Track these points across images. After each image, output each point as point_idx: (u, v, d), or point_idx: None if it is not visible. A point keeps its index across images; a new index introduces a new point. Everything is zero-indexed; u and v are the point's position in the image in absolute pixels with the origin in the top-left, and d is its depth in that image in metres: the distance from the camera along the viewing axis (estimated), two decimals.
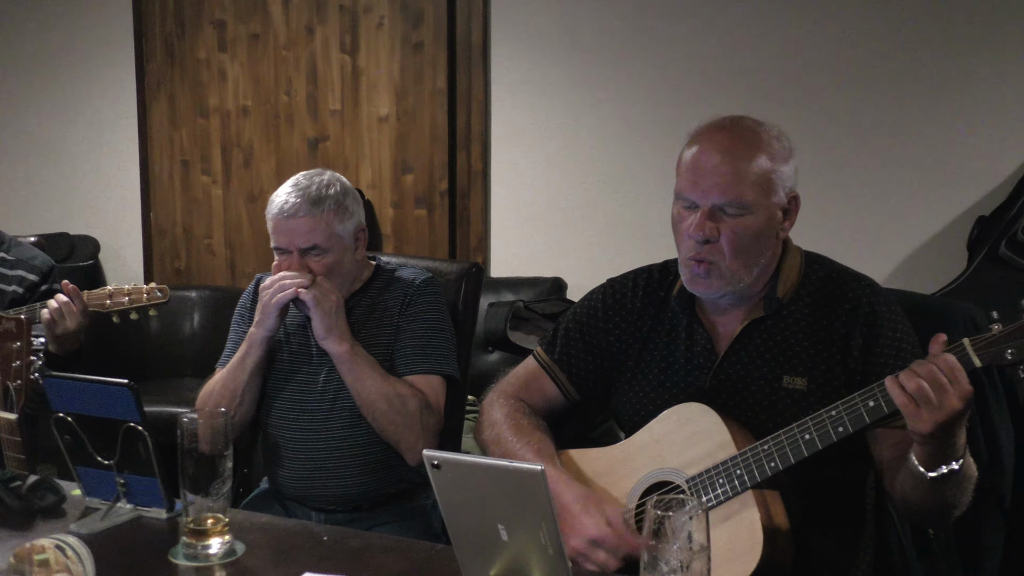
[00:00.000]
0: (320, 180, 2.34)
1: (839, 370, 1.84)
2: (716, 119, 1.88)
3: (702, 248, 1.83)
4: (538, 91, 4.34)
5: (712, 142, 1.83)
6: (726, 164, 1.80)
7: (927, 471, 1.63)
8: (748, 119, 1.88)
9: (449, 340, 2.41)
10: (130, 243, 5.18)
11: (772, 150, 1.83)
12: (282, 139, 4.81)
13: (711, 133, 1.85)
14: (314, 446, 2.35)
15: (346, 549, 1.72)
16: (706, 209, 1.82)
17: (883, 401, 1.65)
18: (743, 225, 1.82)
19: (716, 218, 1.82)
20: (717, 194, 1.81)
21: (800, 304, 1.89)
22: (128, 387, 1.78)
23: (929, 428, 1.56)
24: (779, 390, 1.85)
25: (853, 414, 1.68)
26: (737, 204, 1.80)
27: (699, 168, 1.82)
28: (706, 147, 1.83)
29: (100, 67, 5.14)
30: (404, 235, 4.61)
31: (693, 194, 1.83)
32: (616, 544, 1.78)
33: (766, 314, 1.89)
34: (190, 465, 1.67)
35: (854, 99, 3.85)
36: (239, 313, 2.50)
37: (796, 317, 1.89)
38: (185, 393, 4.11)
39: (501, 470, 1.45)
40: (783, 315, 1.89)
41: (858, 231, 3.85)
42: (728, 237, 1.82)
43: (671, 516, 1.32)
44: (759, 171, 1.81)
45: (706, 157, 1.82)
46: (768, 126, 1.87)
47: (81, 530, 1.78)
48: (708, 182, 1.81)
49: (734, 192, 1.80)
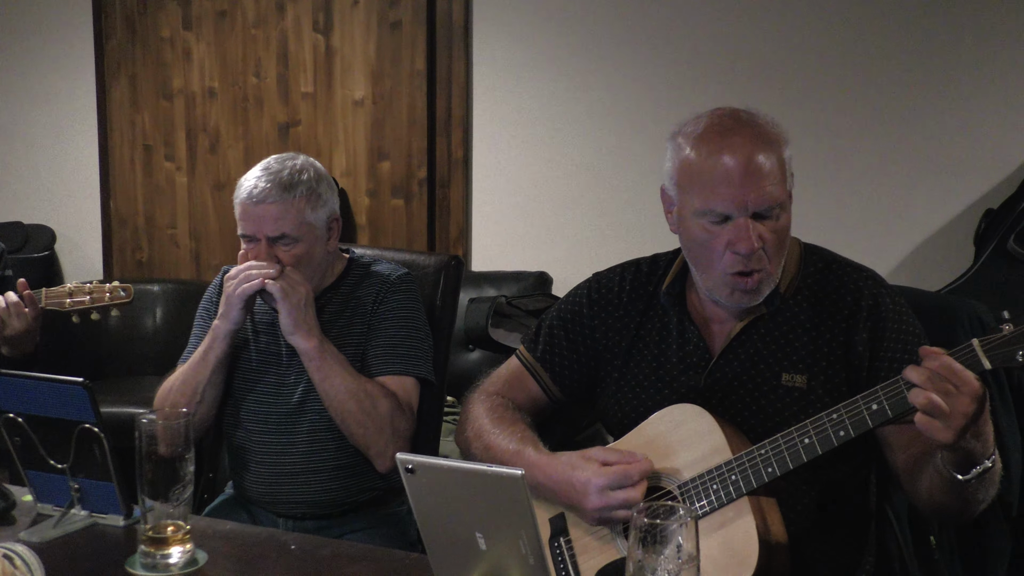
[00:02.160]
0: (292, 164, 2.32)
1: (841, 367, 1.84)
2: (709, 121, 1.84)
3: (749, 260, 1.80)
4: (523, 74, 4.34)
5: (733, 148, 1.78)
6: (759, 169, 1.77)
7: (961, 475, 1.63)
8: (741, 113, 1.85)
9: (424, 340, 2.40)
10: (88, 233, 5.16)
11: (780, 138, 1.83)
12: (251, 123, 4.79)
13: (725, 138, 1.80)
14: (282, 450, 2.34)
15: (315, 558, 1.72)
16: (748, 218, 1.78)
17: (887, 404, 1.65)
18: (782, 224, 1.82)
19: (757, 224, 1.79)
20: (757, 202, 1.78)
21: (799, 298, 1.90)
22: (83, 386, 1.77)
23: (952, 438, 1.56)
24: (778, 388, 1.85)
25: (855, 418, 1.68)
26: (778, 205, 1.80)
27: (730, 179, 1.77)
28: (731, 155, 1.78)
29: (56, 44, 5.11)
30: (380, 226, 4.60)
31: (732, 208, 1.78)
32: (623, 474, 1.78)
33: (767, 311, 1.88)
34: (148, 469, 1.66)
35: (855, 88, 3.86)
36: (203, 307, 2.49)
37: (795, 312, 1.89)
38: (145, 392, 4.07)
39: (478, 474, 1.45)
40: (782, 310, 1.89)
41: (860, 225, 3.86)
42: (771, 240, 1.80)
43: (659, 524, 1.32)
44: (781, 164, 1.81)
45: (735, 166, 1.77)
46: (760, 114, 1.85)
47: (32, 538, 1.78)
48: (747, 192, 1.77)
49: (775, 194, 1.78)
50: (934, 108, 3.78)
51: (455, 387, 3.89)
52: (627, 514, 1.78)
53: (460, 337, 3.91)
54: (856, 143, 3.87)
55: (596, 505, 1.80)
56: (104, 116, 5.06)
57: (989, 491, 1.69)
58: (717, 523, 1.74)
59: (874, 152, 3.86)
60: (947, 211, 3.80)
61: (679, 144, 1.86)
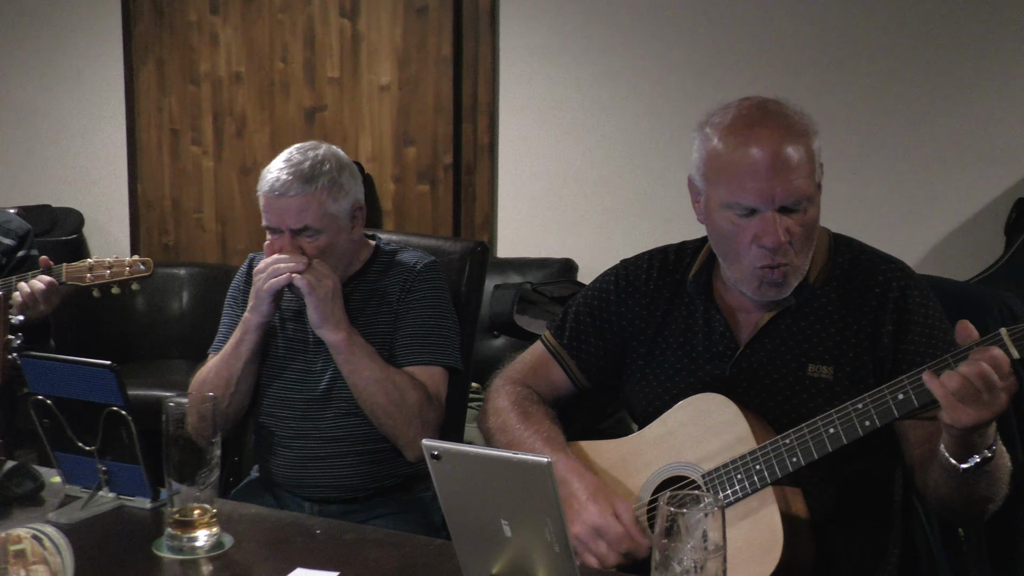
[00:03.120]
0: (314, 155, 2.32)
1: (867, 358, 1.83)
2: (737, 112, 1.82)
3: (776, 254, 1.79)
4: (550, 60, 4.32)
5: (760, 141, 1.76)
6: (787, 162, 1.76)
7: (959, 462, 1.62)
8: (771, 102, 1.83)
9: (451, 329, 2.40)
10: (116, 217, 5.18)
11: (807, 129, 1.81)
12: (277, 108, 4.80)
13: (752, 130, 1.78)
14: (308, 435, 2.35)
15: (340, 543, 1.72)
16: (775, 212, 1.77)
17: (913, 394, 1.64)
18: (810, 216, 1.80)
19: (783, 218, 1.78)
20: (784, 196, 1.76)
21: (828, 289, 1.89)
22: (110, 369, 1.78)
23: (972, 422, 1.55)
24: (804, 379, 1.85)
25: (881, 407, 1.67)
26: (805, 198, 1.78)
27: (757, 173, 1.75)
28: (757, 148, 1.76)
29: (85, 28, 5.13)
30: (405, 212, 4.60)
31: (759, 202, 1.77)
32: (619, 537, 1.79)
33: (798, 302, 1.87)
34: (176, 452, 1.67)
35: (885, 76, 3.83)
36: (231, 296, 2.50)
37: (823, 303, 1.88)
38: (172, 376, 4.12)
39: (504, 461, 1.44)
40: (809, 301, 1.88)
41: (889, 214, 3.83)
42: (798, 233, 1.79)
43: (685, 513, 1.31)
44: (810, 156, 1.79)
45: (762, 159, 1.75)
46: (789, 104, 1.83)
47: (60, 519, 1.79)
48: (774, 186, 1.75)
49: (802, 187, 1.77)
50: (965, 96, 3.74)
51: (480, 373, 3.89)
52: (593, 561, 1.81)
53: (485, 323, 3.91)
54: (885, 132, 3.85)
55: (578, 533, 1.81)
56: (132, 100, 5.08)
57: (993, 488, 1.69)
58: (741, 513, 1.74)
59: (903, 141, 3.83)
60: (977, 200, 3.77)
61: (706, 135, 1.84)
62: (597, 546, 1.80)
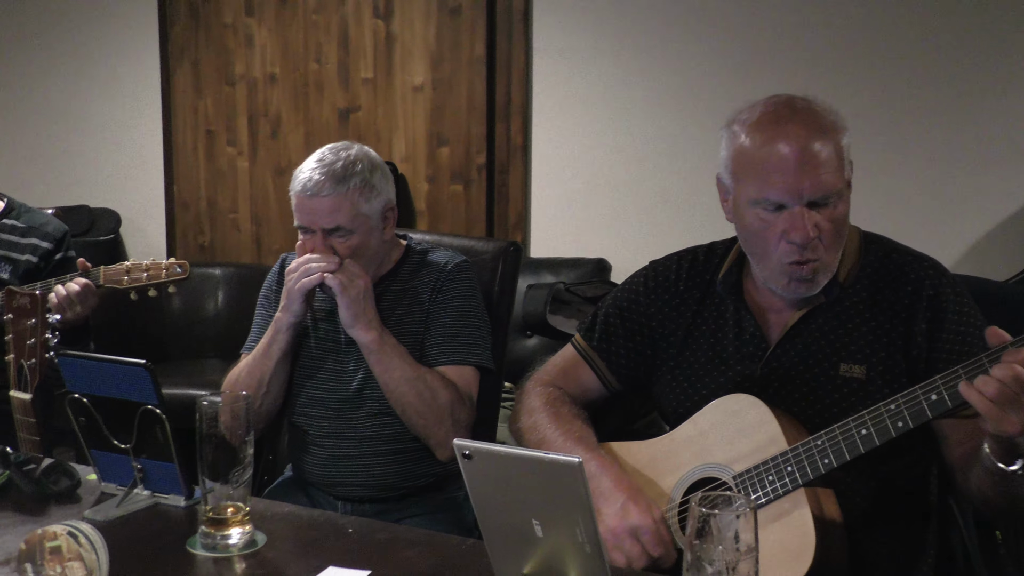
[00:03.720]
0: (346, 156, 2.32)
1: (900, 357, 1.81)
2: (764, 109, 1.82)
3: (804, 250, 1.78)
4: (583, 59, 4.31)
5: (788, 137, 1.76)
6: (815, 157, 1.75)
7: (1006, 465, 1.60)
8: (800, 99, 1.83)
9: (483, 328, 2.40)
10: (152, 217, 5.23)
11: (836, 127, 1.80)
12: (311, 109, 4.82)
13: (779, 127, 1.78)
14: (341, 435, 2.35)
15: (372, 542, 1.73)
16: (802, 208, 1.77)
17: (947, 395, 1.63)
18: (838, 213, 1.80)
19: (812, 214, 1.77)
20: (813, 190, 1.76)
21: (859, 287, 1.87)
22: (145, 367, 1.79)
23: (1016, 431, 1.53)
24: (836, 379, 1.83)
25: (914, 408, 1.66)
26: (833, 194, 1.78)
27: (785, 168, 1.75)
28: (784, 143, 1.76)
29: (121, 31, 5.18)
30: (439, 212, 4.61)
31: (786, 197, 1.77)
32: (656, 540, 1.78)
33: (826, 300, 1.86)
34: (209, 451, 1.68)
35: (920, 72, 3.79)
36: (264, 296, 2.51)
37: (855, 301, 1.86)
38: (207, 375, 4.15)
39: (536, 461, 1.44)
40: (840, 299, 1.87)
41: (925, 212, 3.80)
42: (827, 229, 1.79)
43: (717, 514, 1.31)
44: (838, 152, 1.79)
45: (790, 154, 1.75)
46: (817, 101, 1.83)
47: (96, 516, 1.80)
48: (801, 181, 1.75)
49: (830, 183, 1.76)
50: (1002, 93, 3.70)
51: (513, 373, 3.89)
52: (619, 558, 1.79)
53: (518, 323, 3.91)
54: (921, 129, 3.81)
55: (613, 525, 1.80)
56: (168, 102, 5.12)
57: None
58: (773, 515, 1.73)
59: (940, 139, 3.79)
60: (1015, 199, 3.73)
61: (734, 132, 1.84)
62: (631, 545, 1.79)
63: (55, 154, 5.41)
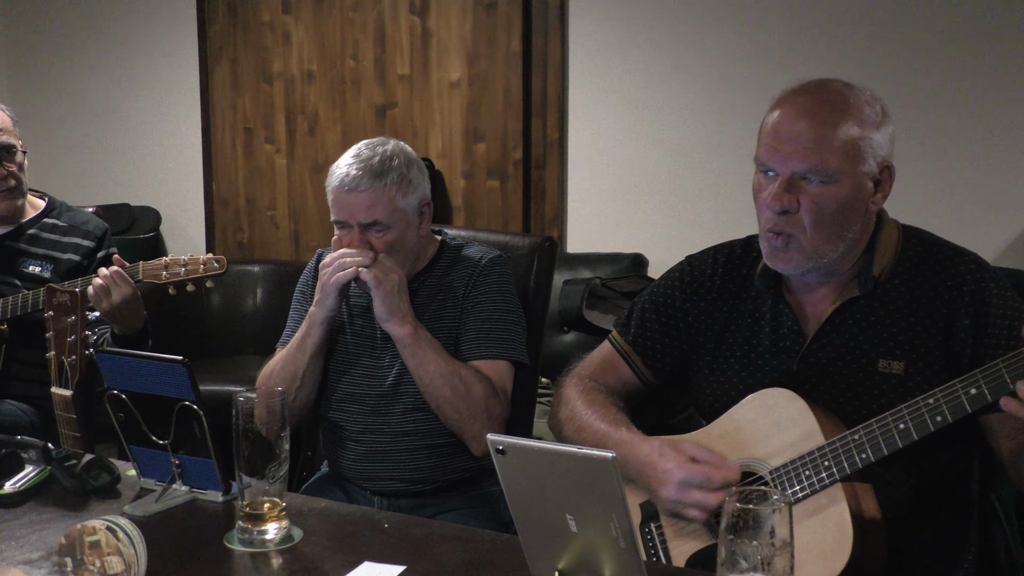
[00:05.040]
0: (383, 151, 2.33)
1: (940, 353, 1.79)
2: (803, 82, 1.85)
3: (780, 219, 1.80)
4: (619, 54, 4.30)
5: (794, 106, 1.80)
6: (809, 129, 1.77)
7: None
8: (837, 82, 1.84)
9: (517, 323, 2.40)
10: (192, 215, 5.27)
11: (861, 115, 1.79)
12: (348, 105, 4.84)
13: (794, 97, 1.82)
14: (376, 430, 2.36)
15: (407, 537, 1.73)
16: (785, 177, 1.79)
17: (986, 389, 1.61)
18: (826, 195, 1.78)
19: (797, 188, 1.79)
20: (797, 161, 1.77)
21: (897, 282, 1.85)
22: (182, 364, 1.80)
23: None
24: (874, 375, 1.81)
25: (953, 403, 1.64)
26: (819, 172, 1.77)
27: (779, 133, 1.79)
28: (788, 111, 1.80)
29: (161, 30, 5.23)
30: (475, 207, 4.62)
31: (772, 161, 1.80)
32: (705, 475, 1.76)
33: (860, 294, 1.84)
34: (245, 446, 1.69)
35: (961, 64, 3.75)
36: (300, 291, 2.52)
37: (893, 296, 1.84)
38: (247, 371, 4.16)
39: (569, 456, 1.44)
40: (878, 294, 1.85)
41: (968, 206, 3.75)
42: (808, 208, 1.78)
43: (752, 509, 1.30)
44: (845, 137, 1.77)
45: (787, 122, 1.79)
46: (859, 89, 1.82)
47: (135, 511, 1.82)
48: (788, 148, 1.78)
49: (816, 158, 1.76)
50: None
51: (549, 369, 3.88)
52: (698, 514, 1.77)
53: (555, 319, 3.90)
54: (964, 121, 3.76)
55: (671, 496, 1.79)
56: (207, 100, 5.16)
57: None
58: (810, 510, 1.71)
59: (983, 130, 3.74)
60: None
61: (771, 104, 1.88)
62: (692, 497, 1.77)
63: (97, 153, 5.47)
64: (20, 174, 2.88)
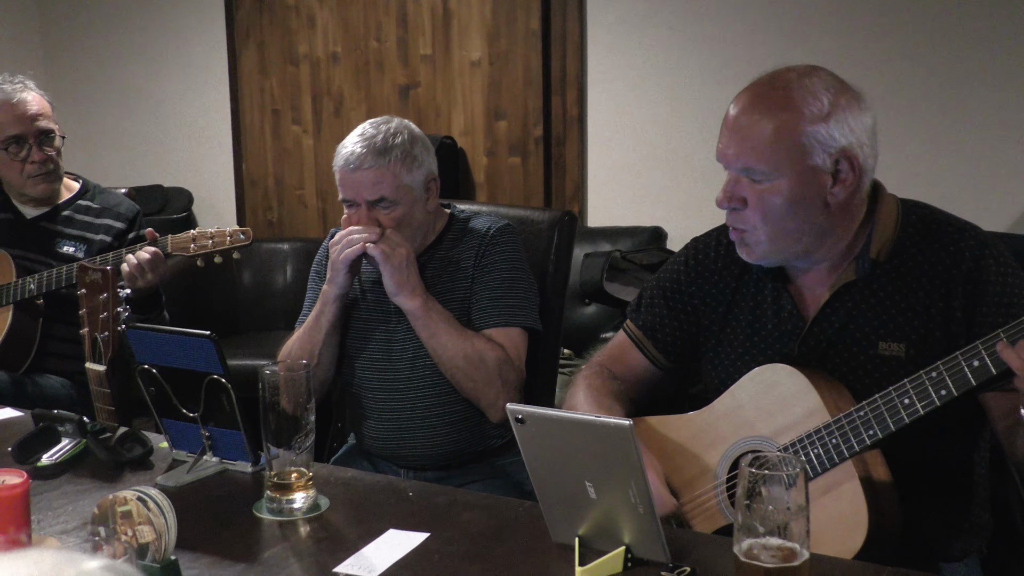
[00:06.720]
0: (387, 129, 2.30)
1: (940, 334, 1.73)
2: (762, 74, 1.79)
3: (732, 216, 1.79)
4: (636, 32, 4.26)
5: (739, 101, 1.76)
6: (745, 127, 1.73)
7: None
8: (790, 72, 1.76)
9: (528, 290, 2.37)
10: (223, 195, 5.28)
11: (801, 110, 1.70)
12: (372, 86, 4.82)
13: (743, 92, 1.78)
14: (398, 406, 2.34)
15: (431, 506, 1.72)
16: (732, 174, 1.77)
17: (989, 361, 1.55)
18: (769, 192, 1.73)
19: (742, 184, 1.76)
20: (734, 159, 1.76)
21: (896, 263, 1.78)
22: (210, 339, 1.80)
23: None
24: (875, 357, 1.76)
25: (956, 375, 1.58)
26: (754, 170, 1.73)
27: (724, 129, 1.77)
28: (734, 106, 1.77)
29: (190, 16, 5.22)
30: (498, 184, 4.59)
31: (721, 157, 1.78)
32: None
33: (858, 277, 1.79)
34: (272, 419, 1.69)
35: (969, 37, 3.68)
36: (315, 270, 2.51)
37: (892, 277, 1.78)
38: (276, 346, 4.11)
39: (587, 424, 1.43)
40: (877, 276, 1.78)
41: (978, 178, 3.70)
42: (754, 205, 1.75)
43: (768, 475, 1.28)
44: (779, 133, 1.71)
45: (731, 118, 1.76)
46: (812, 80, 1.73)
47: (167, 482, 1.83)
48: (731, 146, 1.75)
49: (752, 157, 1.73)
50: None
51: (571, 340, 3.88)
52: None
53: (576, 291, 3.89)
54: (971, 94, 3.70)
55: None
56: (235, 82, 5.16)
57: None
58: (821, 489, 1.66)
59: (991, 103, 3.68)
60: None
61: None
62: None
63: (130, 137, 5.49)
64: (58, 158, 2.89)
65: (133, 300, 2.56)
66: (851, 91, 1.75)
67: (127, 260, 2.55)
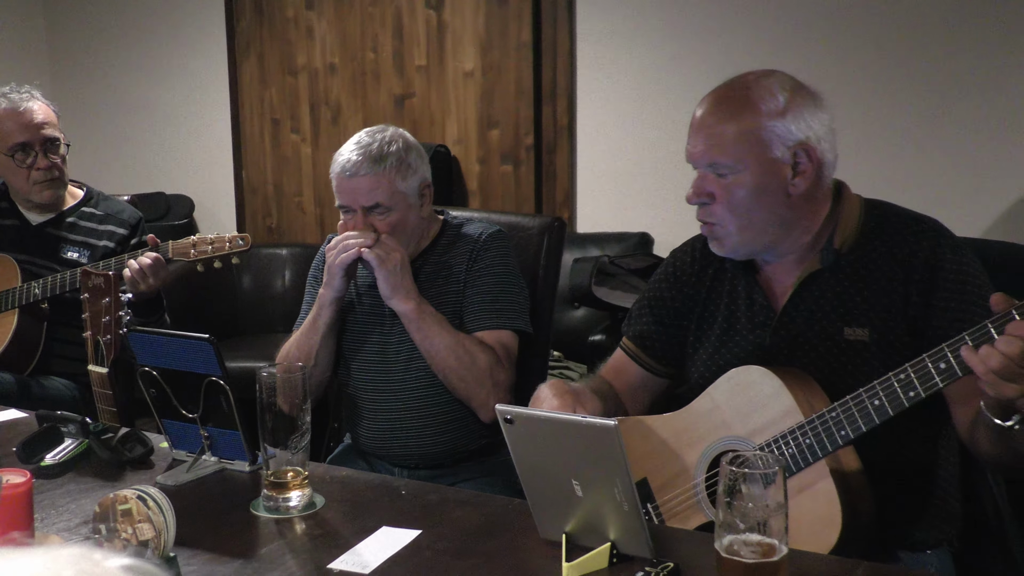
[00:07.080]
0: (382, 137, 2.32)
1: (900, 319, 1.76)
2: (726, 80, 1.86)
3: (702, 211, 1.84)
4: (624, 44, 4.27)
5: (703, 104, 1.84)
6: (709, 126, 1.80)
7: (1002, 420, 1.56)
8: (752, 74, 1.83)
9: (519, 294, 2.38)
10: (223, 202, 5.28)
11: (759, 106, 1.77)
12: (368, 96, 4.82)
13: (707, 95, 1.85)
14: (392, 406, 2.35)
15: (423, 503, 1.73)
16: (700, 171, 1.83)
17: (955, 363, 1.55)
18: (734, 185, 1.79)
19: (709, 180, 1.81)
20: (700, 156, 1.82)
21: (859, 253, 1.82)
22: (208, 341, 1.80)
23: (1014, 395, 1.48)
24: (841, 342, 1.79)
25: (924, 377, 1.58)
26: (718, 165, 1.79)
27: (690, 131, 1.83)
28: (698, 109, 1.84)
29: (191, 27, 5.23)
30: (490, 191, 4.60)
31: (689, 157, 1.84)
32: None
33: (823, 266, 1.83)
34: (269, 419, 1.69)
35: (948, 41, 3.70)
36: (312, 274, 2.52)
37: (856, 267, 1.82)
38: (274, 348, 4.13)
39: (573, 425, 1.44)
40: (841, 266, 1.83)
41: (956, 181, 3.71)
42: (721, 198, 1.80)
43: (747, 473, 1.29)
44: (741, 129, 1.77)
45: (696, 119, 1.83)
46: (770, 80, 1.80)
47: (167, 481, 1.83)
48: (694, 144, 1.82)
49: (717, 152, 1.79)
50: None
51: (560, 343, 3.89)
52: None
53: (565, 295, 3.89)
54: (952, 97, 3.72)
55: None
56: (235, 92, 5.16)
57: None
58: (796, 487, 1.67)
59: (971, 106, 3.70)
60: None
61: None
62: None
63: (133, 145, 5.49)
64: (63, 166, 2.90)
65: (135, 304, 2.56)
66: (807, 90, 1.82)
67: (129, 265, 2.55)
